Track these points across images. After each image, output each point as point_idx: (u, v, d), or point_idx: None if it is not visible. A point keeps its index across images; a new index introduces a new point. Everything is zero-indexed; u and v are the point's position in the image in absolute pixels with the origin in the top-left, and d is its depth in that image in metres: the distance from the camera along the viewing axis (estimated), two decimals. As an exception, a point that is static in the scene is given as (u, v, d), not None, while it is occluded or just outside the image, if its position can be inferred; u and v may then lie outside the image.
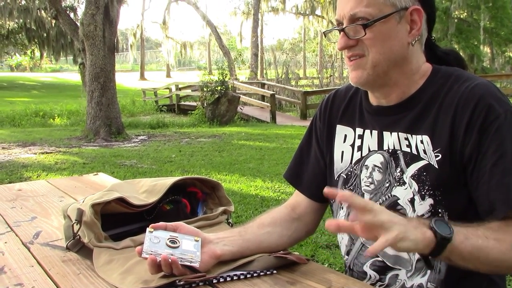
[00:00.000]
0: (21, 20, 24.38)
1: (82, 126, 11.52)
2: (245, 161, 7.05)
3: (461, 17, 24.33)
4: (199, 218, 1.38)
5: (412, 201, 1.05)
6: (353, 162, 1.18)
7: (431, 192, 1.03)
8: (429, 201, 1.03)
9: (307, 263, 1.11)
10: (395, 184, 1.08)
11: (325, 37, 1.22)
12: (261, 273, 1.06)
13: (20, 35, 26.73)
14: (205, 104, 13.37)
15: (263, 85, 17.98)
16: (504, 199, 0.95)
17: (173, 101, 19.43)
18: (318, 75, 25.22)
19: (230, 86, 13.82)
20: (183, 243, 1.05)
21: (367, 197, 1.14)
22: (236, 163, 6.91)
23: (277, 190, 5.21)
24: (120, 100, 11.83)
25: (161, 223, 1.08)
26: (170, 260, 0.99)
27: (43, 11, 22.66)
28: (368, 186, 1.13)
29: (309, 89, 19.40)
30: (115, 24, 10.67)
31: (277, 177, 5.70)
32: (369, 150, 1.15)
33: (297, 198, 1.30)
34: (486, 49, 26.37)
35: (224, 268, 1.06)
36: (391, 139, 1.11)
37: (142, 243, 1.03)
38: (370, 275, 1.14)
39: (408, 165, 1.07)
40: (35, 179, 5.81)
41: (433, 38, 1.16)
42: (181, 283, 0.99)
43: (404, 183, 1.07)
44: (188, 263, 1.01)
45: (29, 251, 1.27)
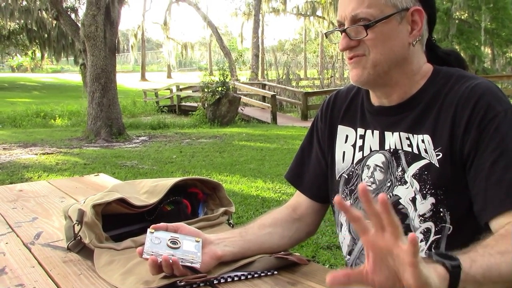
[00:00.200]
0: (22, 21, 24.41)
1: (83, 127, 11.54)
2: (246, 162, 7.05)
3: (462, 18, 24.33)
4: (200, 219, 1.39)
5: (413, 200, 1.05)
6: (355, 162, 1.18)
7: (433, 191, 1.03)
8: (431, 200, 1.03)
9: (308, 264, 1.11)
10: (397, 184, 1.08)
11: (326, 38, 1.22)
12: (262, 274, 1.06)
13: (21, 35, 26.76)
14: (206, 105, 13.38)
15: (264, 86, 17.99)
16: (505, 194, 0.93)
17: (174, 102, 19.45)
18: (319, 76, 25.18)
19: (231, 87, 13.82)
20: (184, 244, 1.05)
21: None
22: (237, 164, 6.91)
23: (278, 191, 5.21)
24: (121, 100, 11.84)
25: (162, 223, 1.09)
26: (171, 261, 0.99)
27: (44, 12, 22.70)
28: (369, 186, 1.13)
29: (310, 90, 19.38)
30: (116, 25, 10.69)
31: (278, 178, 5.70)
32: (371, 150, 1.15)
33: (298, 199, 1.30)
34: (487, 50, 26.36)
35: (225, 269, 1.06)
36: (392, 139, 1.11)
37: (143, 244, 1.04)
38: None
39: (409, 164, 1.07)
40: (36, 179, 5.82)
41: (434, 39, 1.16)
42: (182, 283, 0.99)
43: (406, 182, 1.07)
44: (189, 264, 1.02)
45: (30, 251, 1.27)
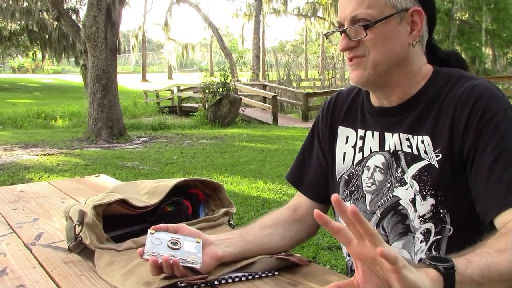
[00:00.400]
0: (23, 22, 24.43)
1: (84, 128, 11.54)
2: (246, 163, 7.05)
3: (463, 18, 24.31)
4: (200, 220, 1.39)
5: (413, 201, 1.05)
6: (355, 163, 1.18)
7: (433, 192, 1.03)
8: (431, 201, 1.03)
9: (308, 265, 1.11)
10: (397, 185, 1.08)
11: (326, 38, 1.23)
12: (263, 275, 1.06)
13: (22, 36, 26.78)
14: (206, 106, 13.38)
15: (264, 87, 17.99)
16: (506, 193, 0.93)
17: (174, 102, 19.45)
18: (320, 76, 25.22)
19: (231, 87, 13.83)
20: (184, 245, 1.05)
21: (368, 197, 1.14)
22: (237, 165, 6.91)
23: (278, 191, 5.21)
24: (122, 101, 11.84)
25: (162, 224, 1.09)
26: (171, 262, 0.99)
27: (45, 13, 22.73)
28: (369, 186, 1.14)
29: (310, 90, 19.40)
30: (117, 25, 10.70)
31: (279, 179, 5.70)
32: (371, 151, 1.15)
33: (299, 200, 1.30)
34: (488, 51, 26.33)
35: (225, 270, 1.06)
36: (392, 140, 1.11)
37: (143, 245, 1.04)
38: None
39: (409, 165, 1.07)
40: (37, 180, 5.82)
41: (434, 40, 1.16)
42: (183, 284, 0.99)
43: (405, 183, 1.07)
44: (190, 265, 1.02)
45: (31, 252, 1.27)
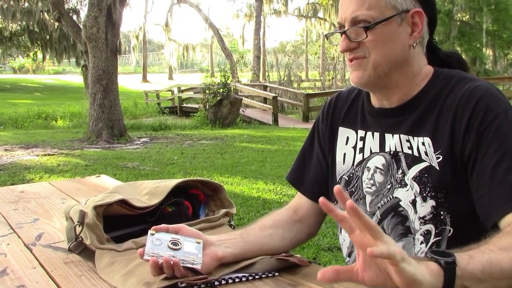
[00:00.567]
0: (24, 22, 24.43)
1: (85, 128, 11.55)
2: (247, 163, 7.05)
3: (464, 19, 24.30)
4: (201, 220, 1.39)
5: (413, 202, 1.05)
6: (355, 164, 1.18)
7: (433, 194, 1.03)
8: (431, 202, 1.03)
9: (309, 266, 1.11)
10: (397, 186, 1.08)
11: (327, 39, 1.23)
12: (263, 276, 1.06)
13: (23, 37, 26.78)
14: (207, 106, 13.38)
15: (265, 88, 18.00)
16: (508, 197, 0.92)
17: (175, 103, 19.46)
18: (320, 77, 25.20)
19: (232, 88, 13.84)
20: (185, 245, 1.05)
21: (368, 198, 1.14)
22: (238, 165, 6.91)
23: (279, 192, 5.21)
24: (122, 102, 11.85)
25: (163, 225, 1.09)
26: (172, 262, 0.99)
27: (46, 14, 22.74)
28: (369, 187, 1.14)
29: (311, 91, 19.38)
30: (118, 26, 10.70)
31: (279, 179, 5.70)
32: (371, 152, 1.15)
33: (299, 200, 1.30)
34: (489, 52, 26.33)
35: (226, 270, 1.06)
36: (392, 141, 1.11)
37: (144, 245, 1.04)
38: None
39: (409, 167, 1.07)
40: (37, 181, 5.82)
41: (435, 40, 1.16)
42: (183, 285, 0.99)
43: (406, 184, 1.07)
44: (190, 265, 1.02)
45: (31, 252, 1.27)
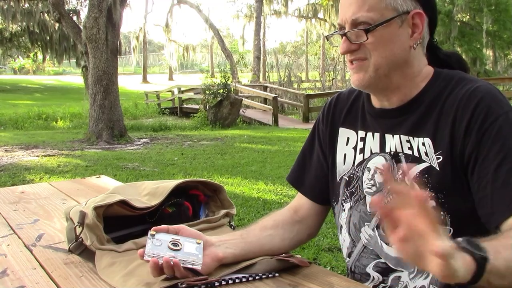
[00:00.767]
0: (24, 23, 24.42)
1: (85, 129, 11.56)
2: (247, 164, 7.05)
3: (464, 20, 24.29)
4: (201, 221, 1.39)
5: None
6: (355, 164, 1.18)
7: (433, 194, 1.03)
8: (431, 203, 1.02)
9: (309, 266, 1.11)
10: None
11: (327, 40, 1.23)
12: (263, 276, 1.06)
13: (23, 38, 26.76)
14: (207, 107, 13.39)
15: (265, 88, 18.00)
16: (510, 199, 0.92)
17: (175, 104, 19.47)
18: (321, 78, 25.20)
19: (232, 89, 13.85)
20: (185, 246, 1.05)
21: (369, 199, 1.14)
22: (238, 166, 6.91)
23: (279, 193, 5.21)
24: (122, 103, 11.86)
25: (163, 225, 1.09)
26: (172, 263, 0.99)
27: (46, 14, 22.73)
28: (370, 188, 1.14)
29: (311, 92, 19.38)
30: (118, 27, 10.72)
31: (279, 180, 5.70)
32: (371, 153, 1.15)
33: (299, 201, 1.30)
34: (489, 52, 26.31)
35: (226, 271, 1.06)
36: (393, 141, 1.11)
37: (144, 246, 1.04)
38: (373, 277, 1.14)
39: (410, 167, 1.07)
40: (37, 181, 5.82)
41: (435, 40, 1.16)
42: (183, 285, 0.99)
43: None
44: (190, 266, 1.02)
45: (31, 253, 1.27)
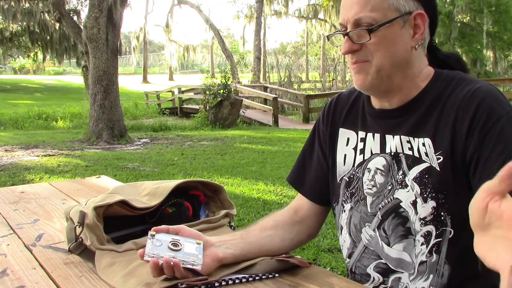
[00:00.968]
0: (24, 23, 24.43)
1: (85, 129, 11.56)
2: (247, 165, 7.05)
3: (464, 21, 24.28)
4: (201, 221, 1.38)
5: (414, 203, 1.05)
6: (356, 165, 1.18)
7: (434, 194, 1.03)
8: (432, 203, 1.03)
9: (309, 267, 1.11)
10: (397, 187, 1.08)
11: (328, 40, 1.22)
12: (263, 277, 1.06)
13: (24, 37, 26.77)
14: (207, 107, 13.39)
15: (265, 89, 18.00)
16: None
17: (175, 104, 19.49)
18: (321, 78, 25.22)
19: (232, 89, 13.85)
20: (185, 246, 1.05)
21: (369, 200, 1.14)
22: (238, 166, 6.90)
23: (279, 193, 5.20)
24: (122, 103, 11.87)
25: (163, 226, 1.09)
26: (172, 263, 0.99)
27: (46, 14, 22.74)
28: (370, 189, 1.14)
29: (311, 92, 19.39)
30: (118, 27, 10.72)
31: (280, 181, 5.70)
32: (372, 153, 1.15)
33: (299, 201, 1.30)
34: (489, 53, 26.29)
35: (226, 271, 1.06)
36: (393, 142, 1.11)
37: (144, 246, 1.03)
38: (373, 278, 1.14)
39: (410, 167, 1.07)
40: (37, 181, 5.82)
41: (434, 41, 1.16)
42: (183, 286, 0.99)
43: (406, 185, 1.07)
44: (190, 266, 1.01)
45: (31, 253, 1.27)
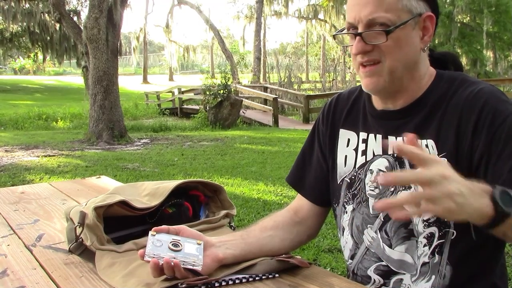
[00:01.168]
0: (24, 24, 24.43)
1: (85, 129, 11.56)
2: (247, 165, 7.05)
3: (464, 21, 24.27)
4: (201, 222, 1.38)
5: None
6: (357, 166, 1.17)
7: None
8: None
9: (309, 267, 1.11)
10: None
11: (334, 39, 1.20)
12: (263, 277, 1.05)
13: (24, 38, 26.77)
14: (207, 108, 13.40)
15: (265, 89, 18.00)
16: None
17: (175, 104, 19.49)
18: (321, 79, 25.19)
19: (232, 89, 13.84)
20: (185, 247, 1.05)
21: (371, 201, 1.13)
22: (238, 167, 6.90)
23: (279, 193, 5.20)
24: (122, 103, 11.86)
25: (163, 226, 1.09)
26: (172, 264, 0.99)
27: (46, 15, 22.75)
28: (372, 190, 1.13)
29: (311, 93, 19.38)
30: (119, 27, 10.72)
31: (280, 181, 5.70)
32: (374, 155, 1.14)
33: (299, 202, 1.30)
34: (489, 54, 26.29)
35: (226, 272, 1.06)
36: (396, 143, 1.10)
37: (144, 246, 1.03)
38: (374, 280, 1.14)
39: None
40: (38, 182, 5.82)
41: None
42: (184, 286, 0.99)
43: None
44: (191, 267, 1.01)
45: (31, 253, 1.27)
